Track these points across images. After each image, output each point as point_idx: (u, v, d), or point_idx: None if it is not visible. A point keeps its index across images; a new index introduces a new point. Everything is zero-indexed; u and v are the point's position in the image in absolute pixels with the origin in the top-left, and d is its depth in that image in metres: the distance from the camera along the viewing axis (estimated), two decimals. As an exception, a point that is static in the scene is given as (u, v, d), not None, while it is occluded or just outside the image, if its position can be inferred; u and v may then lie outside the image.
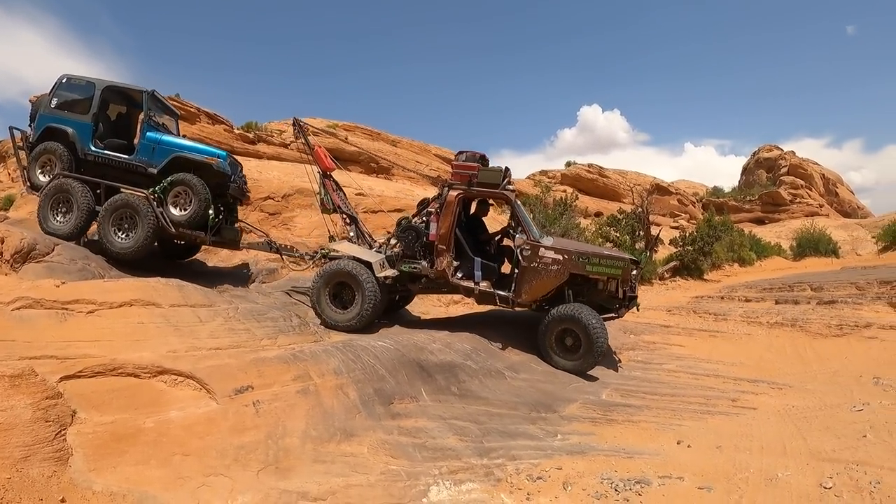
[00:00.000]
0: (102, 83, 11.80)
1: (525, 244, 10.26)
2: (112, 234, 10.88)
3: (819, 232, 44.26)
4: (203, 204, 11.24)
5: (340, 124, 34.65)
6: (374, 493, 5.43)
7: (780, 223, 57.99)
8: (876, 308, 15.59)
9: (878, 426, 7.45)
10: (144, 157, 11.62)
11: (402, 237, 11.08)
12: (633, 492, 5.88)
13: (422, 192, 28.74)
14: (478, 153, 11.10)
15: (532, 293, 10.30)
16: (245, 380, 6.38)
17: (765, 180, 68.24)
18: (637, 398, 9.33)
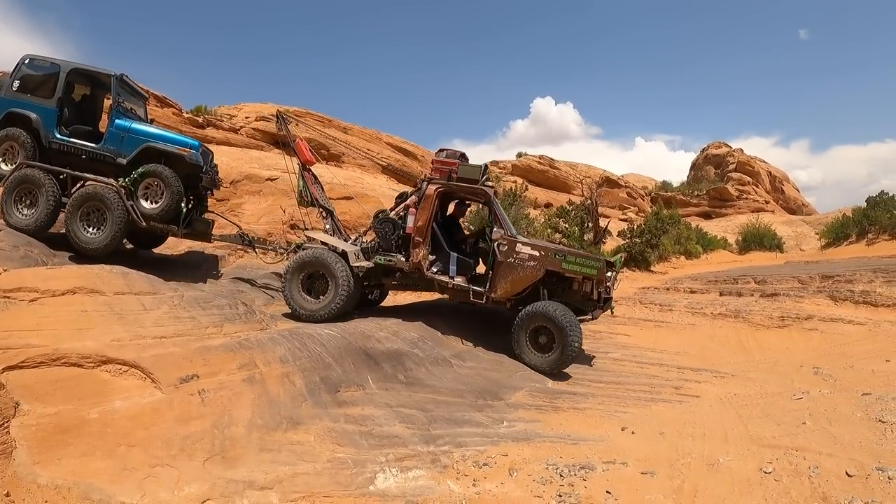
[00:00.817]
0: (69, 65, 11.18)
1: (502, 239, 10.22)
2: (80, 229, 10.33)
3: (764, 227, 45.29)
4: (175, 197, 10.79)
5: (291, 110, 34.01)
6: (320, 481, 5.44)
7: (726, 218, 59.01)
8: (817, 301, 16.00)
9: (817, 414, 7.65)
10: (113, 146, 11.04)
11: (378, 229, 10.98)
12: (577, 477, 5.99)
13: (372, 180, 28.55)
14: (458, 151, 11.08)
15: (507, 289, 10.23)
16: (190, 368, 6.30)
17: (713, 176, 69.32)
18: (582, 386, 9.48)
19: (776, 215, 59.69)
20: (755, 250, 41.07)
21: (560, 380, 9.71)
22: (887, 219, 34.75)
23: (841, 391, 8.81)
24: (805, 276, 18.69)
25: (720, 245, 42.64)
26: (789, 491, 5.57)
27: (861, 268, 19.51)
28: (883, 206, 36.08)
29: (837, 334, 13.45)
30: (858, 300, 15.82)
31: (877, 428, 6.93)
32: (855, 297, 15.94)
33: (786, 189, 72.93)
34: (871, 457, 6.07)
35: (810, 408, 7.94)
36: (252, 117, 31.86)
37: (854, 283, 17.05)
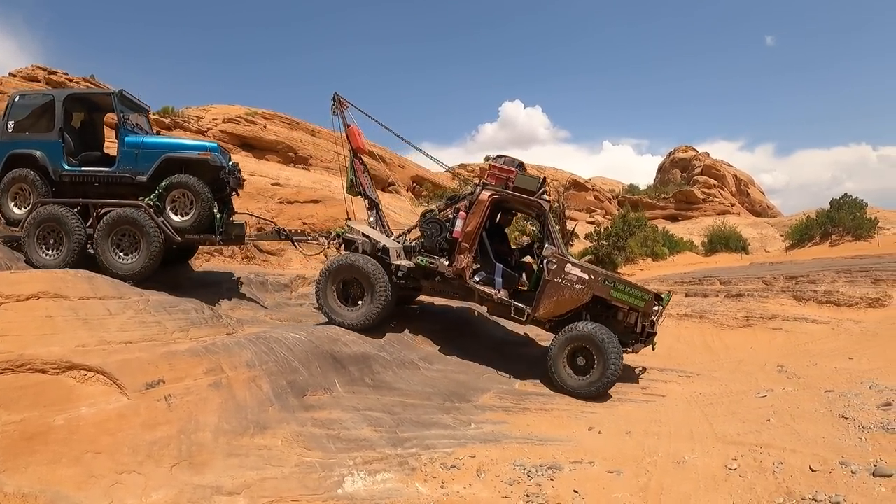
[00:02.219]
0: (63, 93, 10.73)
1: (553, 256, 9.73)
2: (112, 255, 9.79)
3: (730, 229, 45.99)
4: (206, 205, 10.21)
5: (259, 112, 33.77)
6: (288, 486, 5.43)
7: (692, 220, 59.68)
8: (781, 301, 16.23)
9: (781, 411, 7.80)
10: (128, 165, 10.39)
11: (424, 228, 10.55)
12: (545, 477, 6.06)
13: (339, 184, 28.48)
14: (517, 159, 10.67)
15: (551, 310, 9.79)
16: (156, 374, 6.24)
17: (679, 179, 70.08)
18: (550, 387, 9.54)
19: (741, 217, 60.46)
20: (721, 252, 41.60)
21: (527, 381, 9.80)
22: (850, 221, 35.41)
23: (804, 389, 8.96)
24: (769, 277, 18.94)
25: (686, 247, 43.11)
26: (754, 487, 5.67)
27: (824, 268, 19.83)
28: (846, 209, 36.78)
29: (801, 333, 13.66)
30: (822, 300, 16.07)
31: (840, 424, 7.09)
32: (818, 297, 16.19)
33: (751, 192, 73.82)
34: (835, 452, 6.20)
35: (774, 405, 8.09)
36: (219, 119, 31.63)
37: (817, 284, 17.30)
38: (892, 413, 7.21)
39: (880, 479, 5.48)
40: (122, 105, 10.70)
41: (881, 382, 8.72)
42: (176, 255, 11.89)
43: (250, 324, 9.88)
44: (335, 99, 12.01)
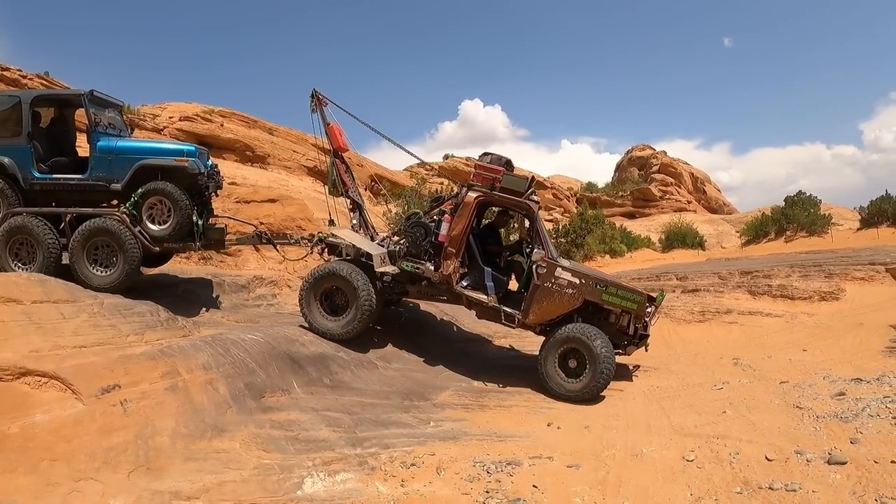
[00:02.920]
0: (30, 94, 10.06)
1: (542, 261, 9.53)
2: (88, 268, 9.43)
3: (686, 226, 46.48)
4: (184, 212, 9.81)
5: (217, 110, 33.22)
6: (248, 489, 5.42)
7: (650, 217, 60.25)
8: (736, 296, 16.48)
9: (737, 403, 7.97)
10: (101, 172, 9.89)
11: (409, 233, 10.17)
12: (504, 473, 6.13)
13: (297, 182, 28.15)
14: (504, 157, 10.36)
15: (541, 315, 9.63)
16: (112, 378, 6.16)
17: (637, 177, 70.71)
18: (508, 383, 9.65)
19: (698, 214, 61.23)
20: (678, 248, 42.04)
21: (486, 378, 9.87)
22: (805, 217, 36.04)
23: (760, 380, 9.13)
24: (725, 273, 19.18)
25: (644, 244, 43.49)
26: (711, 477, 5.79)
27: (779, 263, 20.12)
28: (801, 206, 37.44)
29: (756, 327, 13.86)
30: (776, 294, 16.34)
31: (794, 414, 7.28)
32: (773, 292, 16.46)
33: (707, 189, 74.69)
34: (790, 441, 6.37)
35: (730, 397, 8.25)
36: (176, 117, 31.14)
37: (772, 278, 17.57)
38: (845, 403, 7.40)
39: (835, 467, 5.64)
40: (92, 105, 10.11)
41: (834, 373, 8.89)
42: (152, 260, 11.53)
43: (207, 326, 9.68)
44: (314, 96, 11.59)
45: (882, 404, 7.09)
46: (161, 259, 12.00)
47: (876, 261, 17.61)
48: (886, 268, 16.83)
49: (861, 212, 35.82)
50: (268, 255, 13.18)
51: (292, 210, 17.09)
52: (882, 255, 18.45)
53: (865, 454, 5.81)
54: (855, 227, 35.78)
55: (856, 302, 15.24)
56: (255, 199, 17.26)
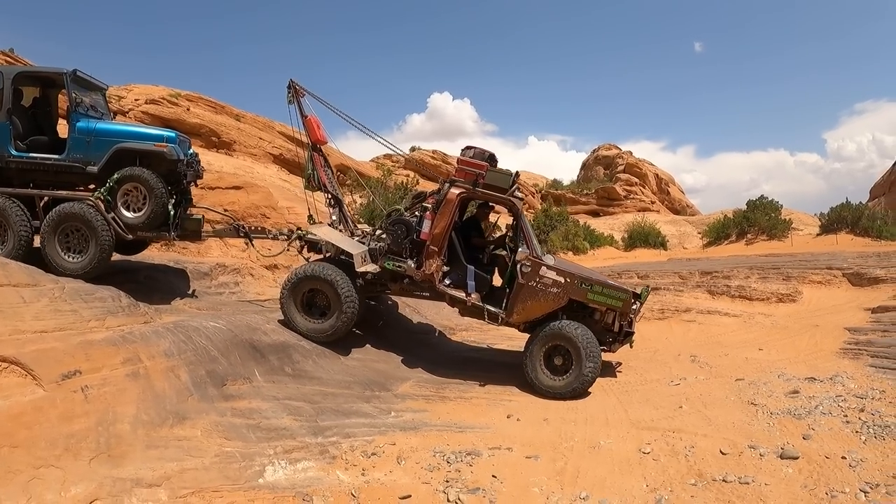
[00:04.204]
0: (12, 70, 9.83)
1: (526, 260, 9.35)
2: (59, 254, 9.30)
3: (649, 226, 46.95)
4: (160, 200, 9.62)
5: (183, 94, 32.68)
6: (209, 476, 5.42)
7: (613, 216, 60.78)
8: (696, 295, 16.80)
9: (693, 398, 8.17)
10: (79, 153, 9.68)
11: (390, 230, 9.96)
12: (464, 463, 6.25)
13: (263, 170, 27.92)
14: (487, 151, 10.09)
15: (525, 314, 9.51)
16: (72, 364, 6.04)
17: (602, 176, 71.16)
18: (469, 375, 9.74)
19: (661, 215, 61.86)
20: (640, 247, 42.42)
21: (448, 370, 9.97)
22: (765, 221, 36.62)
23: (716, 377, 9.36)
24: (685, 272, 19.52)
25: (607, 242, 43.82)
26: (667, 469, 5.97)
27: (739, 265, 20.56)
28: (762, 209, 38.03)
29: (714, 325, 14.14)
30: (734, 294, 16.69)
31: (749, 410, 7.51)
32: (731, 292, 16.81)
33: (671, 191, 75.39)
34: (744, 436, 6.59)
35: (687, 393, 8.45)
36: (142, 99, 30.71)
37: (731, 279, 17.94)
38: (798, 400, 7.66)
39: (787, 461, 5.86)
40: (75, 86, 9.93)
41: (789, 372, 9.15)
42: (127, 248, 11.41)
43: (168, 312, 9.58)
44: (290, 87, 11.39)
45: (834, 403, 7.35)
46: (136, 247, 11.82)
47: (833, 265, 18.05)
48: (843, 272, 17.21)
49: (821, 218, 36.43)
50: (231, 243, 13.09)
51: (257, 198, 16.95)
52: (839, 260, 18.91)
53: (817, 450, 6.02)
54: (815, 232, 36.44)
55: (812, 304, 15.60)
56: (219, 185, 17.08)
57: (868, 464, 5.64)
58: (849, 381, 8.34)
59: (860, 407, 7.11)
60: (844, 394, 7.72)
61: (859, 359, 9.62)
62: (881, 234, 30.26)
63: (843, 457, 5.81)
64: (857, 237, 30.86)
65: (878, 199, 50.59)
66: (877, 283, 15.97)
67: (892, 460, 5.65)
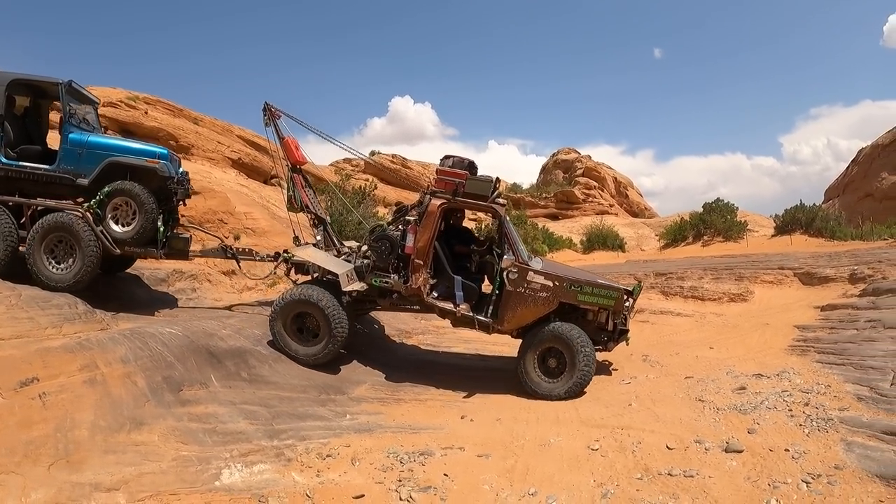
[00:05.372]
0: (7, 76, 9.66)
1: (512, 266, 9.26)
2: (44, 264, 9.22)
3: (608, 229, 47.50)
4: (150, 216, 9.66)
5: (141, 96, 31.99)
6: (166, 480, 5.50)
7: (572, 219, 61.08)
8: (650, 296, 17.13)
9: (642, 396, 8.38)
10: (69, 165, 9.70)
11: (374, 247, 9.87)
12: (417, 463, 6.41)
13: (221, 175, 27.63)
14: (466, 159, 10.01)
15: (516, 321, 9.43)
16: (30, 371, 6.11)
17: (561, 180, 71.36)
18: (425, 378, 9.86)
19: (619, 218, 62.29)
20: (598, 250, 42.80)
21: (404, 373, 10.07)
22: (721, 223, 37.17)
23: (666, 376, 9.55)
24: (641, 274, 19.88)
25: (565, 245, 44.16)
26: (614, 464, 6.18)
27: (693, 266, 20.91)
28: (718, 212, 38.60)
29: (667, 325, 14.42)
30: (687, 295, 17.08)
31: (696, 406, 7.69)
32: (684, 292, 17.20)
33: (630, 194, 75.93)
34: (690, 431, 6.77)
35: (637, 391, 8.66)
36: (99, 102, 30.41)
37: (685, 280, 18.31)
38: (745, 396, 7.82)
39: (732, 454, 6.05)
40: (69, 97, 9.95)
41: (737, 369, 9.29)
42: (113, 265, 11.36)
43: (125, 319, 9.49)
44: (266, 109, 11.49)
45: (780, 398, 7.52)
46: (120, 266, 11.73)
47: (785, 265, 18.41)
48: (795, 272, 17.58)
49: (776, 219, 36.89)
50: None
51: (214, 203, 16.90)
52: (791, 261, 19.26)
53: (761, 443, 6.21)
54: (770, 233, 36.89)
55: (763, 303, 15.93)
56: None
57: (810, 455, 5.81)
58: (795, 376, 8.46)
59: (805, 401, 7.25)
60: (790, 389, 7.87)
61: (807, 355, 9.76)
62: (834, 234, 30.78)
63: (786, 449, 5.97)
64: (812, 238, 31.32)
65: (833, 201, 51.51)
66: (827, 282, 16.36)
67: (834, 452, 5.82)
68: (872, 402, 6.87)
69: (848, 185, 52.18)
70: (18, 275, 9.04)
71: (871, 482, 5.19)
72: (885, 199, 43.15)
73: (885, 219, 34.99)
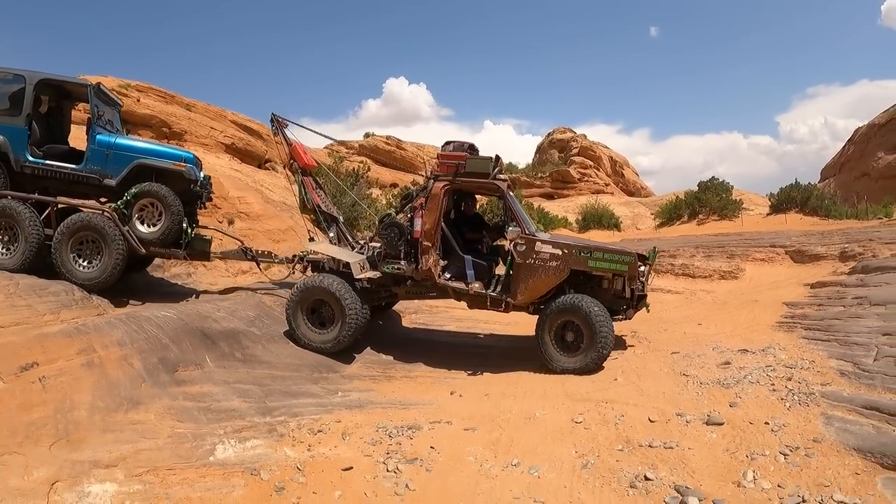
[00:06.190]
0: (35, 76, 9.75)
1: (519, 238, 9.34)
2: (72, 263, 9.38)
3: (603, 208, 47.57)
4: (176, 217, 9.86)
5: (133, 84, 31.80)
6: (162, 456, 5.67)
7: (568, 199, 61.01)
8: (641, 273, 17.10)
9: (628, 371, 8.56)
10: (97, 165, 9.84)
11: (383, 235, 9.98)
12: (405, 436, 6.62)
13: (214, 160, 27.55)
14: (466, 143, 10.14)
15: (529, 293, 9.42)
16: (29, 356, 6.25)
17: (557, 159, 71.18)
18: (416, 356, 10.07)
19: (615, 197, 62.32)
20: (594, 229, 42.80)
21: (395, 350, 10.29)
22: (716, 201, 37.41)
23: (653, 351, 9.70)
24: (635, 252, 19.87)
25: (561, 224, 44.15)
26: (596, 437, 6.36)
27: (686, 244, 21.03)
28: (713, 191, 38.87)
29: (657, 302, 14.43)
30: (678, 272, 17.23)
31: (680, 381, 7.84)
32: (675, 270, 17.36)
33: (625, 173, 75.88)
34: (672, 405, 6.93)
35: (623, 366, 8.82)
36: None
37: (676, 258, 18.44)
38: (729, 371, 7.94)
39: (712, 427, 6.19)
40: (97, 99, 10.10)
41: (724, 345, 9.38)
42: (133, 264, 11.26)
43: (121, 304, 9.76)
44: (273, 120, 11.81)
45: (763, 372, 7.62)
46: (141, 263, 11.92)
47: (777, 243, 18.53)
48: (786, 250, 17.72)
49: (771, 198, 37.06)
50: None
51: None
52: (783, 239, 19.40)
53: (742, 416, 6.34)
54: (765, 212, 37.03)
55: (754, 281, 16.06)
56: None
57: (790, 428, 5.93)
58: (780, 352, 8.54)
59: (788, 376, 7.33)
60: (774, 364, 7.94)
61: (793, 331, 9.82)
62: (829, 213, 30.97)
63: (766, 422, 6.10)
64: (806, 216, 31.47)
65: (829, 180, 51.68)
66: (818, 259, 16.47)
67: (814, 425, 5.93)
68: (855, 378, 6.97)
69: (844, 164, 52.33)
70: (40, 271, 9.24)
71: (848, 455, 5.30)
72: (882, 179, 43.28)
73: (880, 198, 35.18)
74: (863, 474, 5.03)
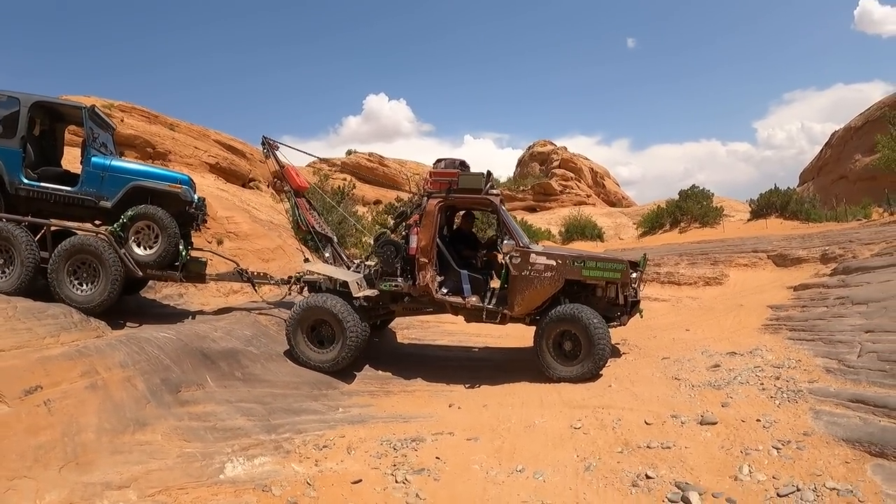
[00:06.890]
0: (29, 98, 9.72)
1: (514, 251, 9.41)
2: (68, 286, 9.35)
3: (585, 219, 47.73)
4: (173, 240, 9.84)
5: (117, 104, 31.55)
6: (173, 475, 5.73)
7: (550, 211, 61.36)
8: (626, 283, 17.29)
9: (621, 377, 8.74)
10: (92, 188, 9.81)
11: (380, 253, 10.09)
12: (409, 448, 6.76)
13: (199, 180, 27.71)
14: (457, 160, 10.27)
15: (526, 304, 9.51)
16: (33, 380, 6.27)
17: (538, 172, 71.55)
18: (411, 370, 10.13)
19: (597, 208, 62.76)
20: (577, 240, 42.76)
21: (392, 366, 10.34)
22: (698, 209, 37.63)
23: (644, 357, 9.88)
24: (618, 263, 20.04)
25: (544, 236, 44.09)
26: (596, 441, 6.54)
27: (670, 252, 21.21)
28: (694, 198, 39.06)
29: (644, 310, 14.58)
30: (664, 280, 17.40)
31: (672, 385, 8.03)
32: (661, 278, 17.51)
33: (607, 184, 76.28)
34: (667, 408, 7.13)
35: (616, 373, 8.99)
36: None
37: (661, 266, 18.61)
38: (719, 373, 8.16)
39: (706, 426, 6.42)
40: (91, 122, 10.12)
41: (712, 349, 9.58)
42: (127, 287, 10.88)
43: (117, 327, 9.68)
44: (265, 143, 11.85)
45: (752, 373, 7.85)
46: (136, 285, 11.85)
47: (759, 248, 18.70)
48: (768, 254, 17.92)
49: (751, 204, 37.31)
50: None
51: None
52: (765, 244, 19.53)
53: (734, 415, 6.57)
54: (746, 218, 37.31)
55: (738, 286, 16.21)
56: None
57: (781, 424, 6.15)
58: (767, 353, 8.73)
59: (776, 375, 7.57)
60: (762, 364, 8.16)
61: (779, 333, 10.00)
62: (809, 216, 31.22)
63: (758, 420, 6.32)
64: (787, 221, 31.64)
65: (808, 184, 52.27)
66: (800, 262, 16.64)
67: (804, 420, 6.16)
68: (840, 374, 7.16)
69: (822, 167, 52.94)
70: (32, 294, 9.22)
71: (837, 446, 5.52)
72: (859, 181, 43.80)
73: (859, 200, 35.51)
74: (852, 463, 5.24)
